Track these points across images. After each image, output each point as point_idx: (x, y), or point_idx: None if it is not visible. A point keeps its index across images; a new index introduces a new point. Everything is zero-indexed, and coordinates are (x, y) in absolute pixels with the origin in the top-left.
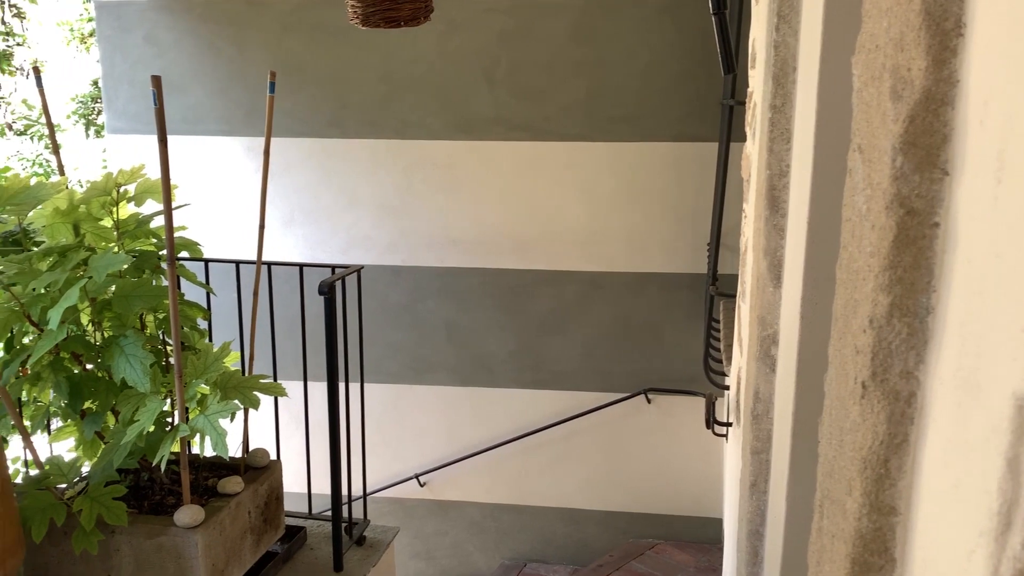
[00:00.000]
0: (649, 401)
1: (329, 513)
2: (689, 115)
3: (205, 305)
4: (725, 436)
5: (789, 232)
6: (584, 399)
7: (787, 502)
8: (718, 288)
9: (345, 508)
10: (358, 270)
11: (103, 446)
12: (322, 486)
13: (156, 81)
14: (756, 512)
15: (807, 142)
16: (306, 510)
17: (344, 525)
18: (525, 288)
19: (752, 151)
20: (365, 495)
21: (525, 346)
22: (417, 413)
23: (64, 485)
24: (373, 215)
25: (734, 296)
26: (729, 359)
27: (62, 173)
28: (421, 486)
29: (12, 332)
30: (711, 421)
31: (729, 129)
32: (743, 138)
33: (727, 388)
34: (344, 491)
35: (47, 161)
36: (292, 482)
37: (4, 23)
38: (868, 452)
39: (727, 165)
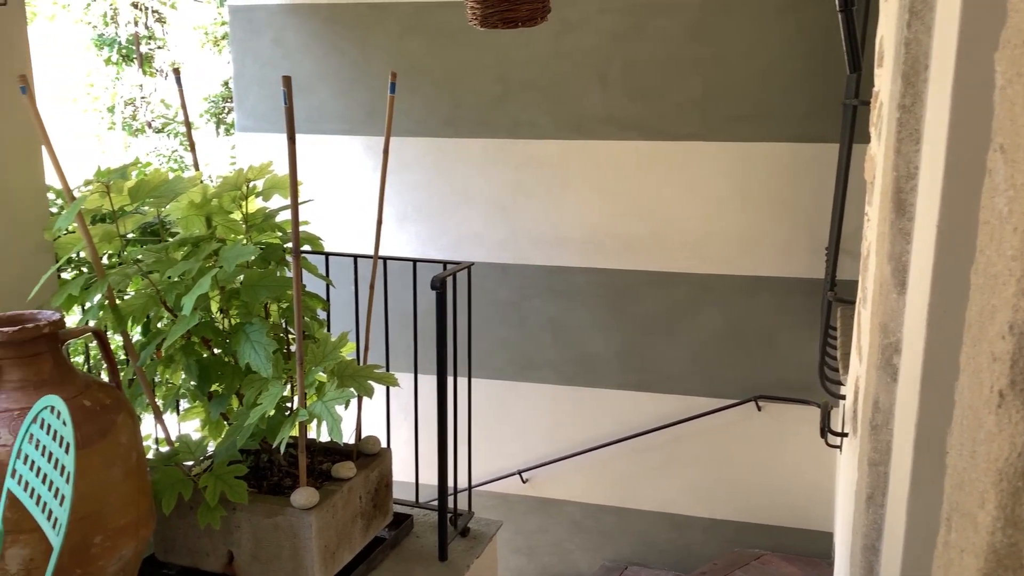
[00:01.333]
0: (760, 408)
1: (435, 503)
2: (809, 115)
3: (324, 296)
4: (839, 447)
5: (916, 236)
6: (691, 403)
7: (907, 515)
8: (836, 294)
9: (450, 499)
10: (469, 267)
11: (227, 427)
12: (428, 477)
13: (287, 81)
14: (872, 526)
15: (939, 143)
16: (413, 499)
17: (449, 516)
18: (633, 289)
19: (877, 152)
20: (470, 488)
21: (631, 347)
22: (521, 410)
23: (191, 462)
24: (484, 213)
25: (853, 303)
26: (846, 367)
27: (197, 168)
28: (524, 482)
29: (149, 317)
30: (825, 431)
31: (852, 130)
32: (866, 139)
33: (843, 397)
34: (450, 483)
35: (181, 157)
36: (399, 471)
37: (147, 28)
38: (1004, 463)
39: (849, 167)
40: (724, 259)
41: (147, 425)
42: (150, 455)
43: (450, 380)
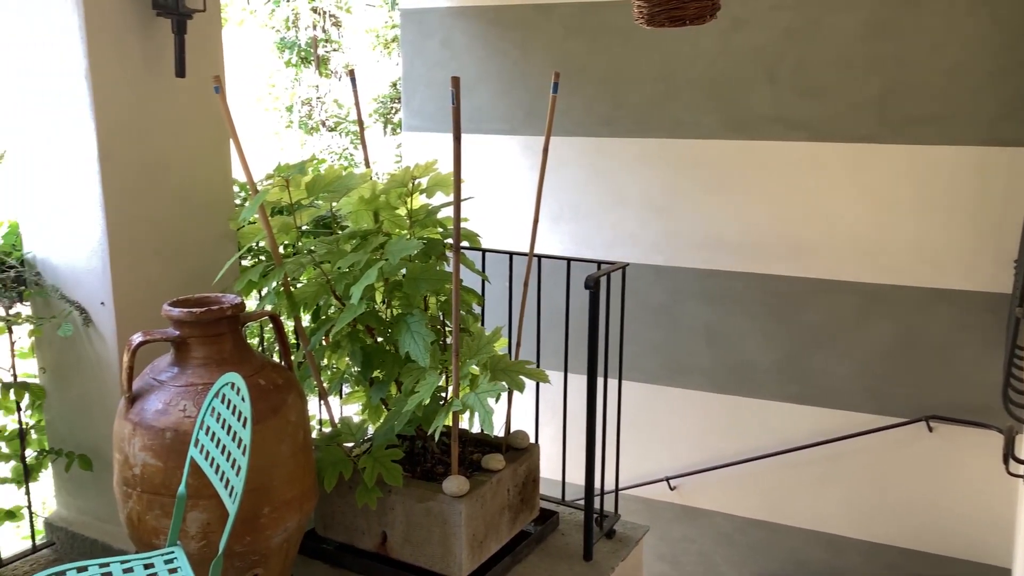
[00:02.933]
0: (931, 429)
1: (581, 502)
2: (1003, 117)
3: (480, 292)
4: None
5: None
6: (854, 420)
7: None
8: None
9: (597, 500)
10: (623, 267)
11: (386, 412)
12: (574, 476)
13: (455, 82)
14: None
15: None
16: (559, 496)
17: (595, 516)
18: (795, 296)
19: None
20: (617, 490)
21: (791, 357)
22: (670, 415)
23: (351, 444)
24: (639, 214)
25: None
26: None
27: (367, 166)
28: (671, 489)
29: (319, 304)
30: (1008, 458)
31: None
32: None
33: None
34: (596, 483)
35: (351, 155)
36: (546, 467)
37: (324, 31)
38: None
39: None
40: (898, 269)
41: (312, 406)
42: (314, 435)
43: (600, 381)
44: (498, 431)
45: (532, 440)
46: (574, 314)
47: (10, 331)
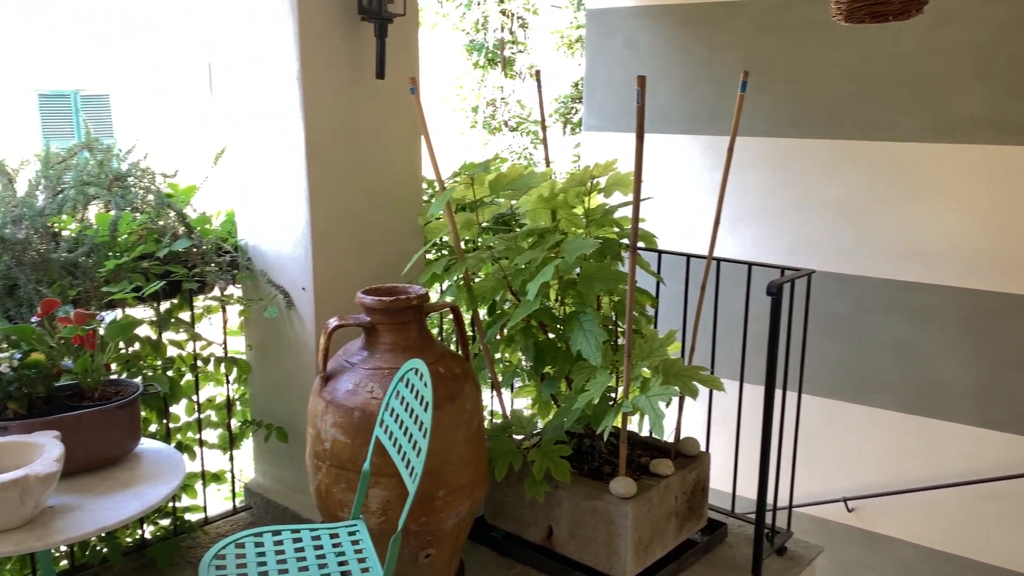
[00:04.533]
0: None
1: (752, 515)
2: None
3: (654, 294)
4: None
5: None
6: None
7: None
8: None
9: (768, 515)
10: (808, 274)
11: (555, 408)
12: (744, 488)
13: (641, 81)
14: None
15: None
16: (728, 507)
17: (766, 532)
18: (1002, 314)
19: None
20: (791, 506)
21: (993, 380)
22: (851, 433)
23: (521, 436)
24: (824, 219)
25: None
26: None
27: (548, 165)
28: (849, 511)
29: (495, 299)
30: None
31: None
32: None
33: None
34: (769, 498)
35: (531, 154)
36: (714, 477)
37: (512, 33)
38: None
39: None
40: None
41: (484, 397)
42: (486, 425)
43: (778, 392)
44: (668, 436)
45: (703, 448)
46: (752, 321)
47: (224, 310)
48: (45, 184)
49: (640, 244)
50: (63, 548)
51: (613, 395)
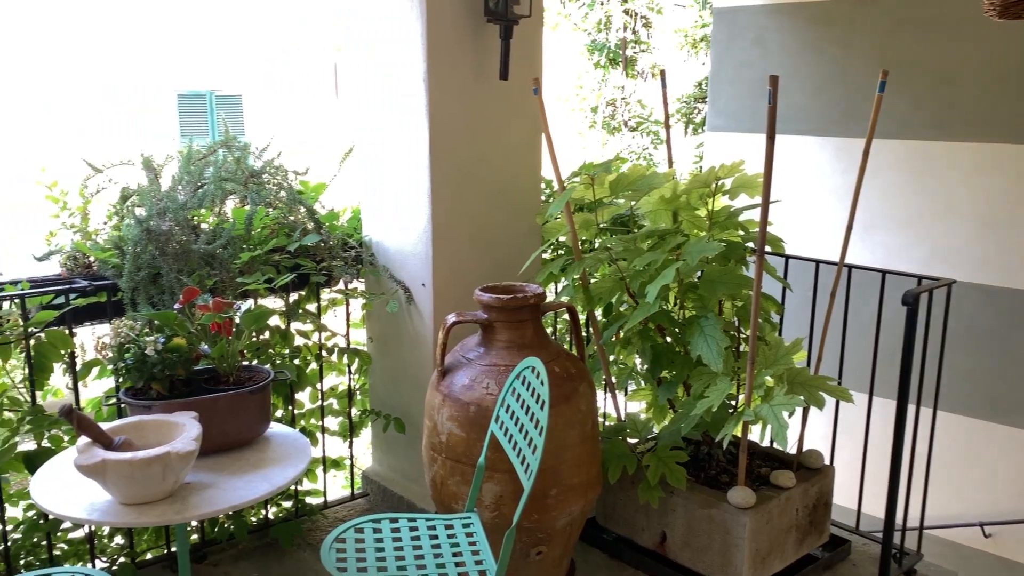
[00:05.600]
0: None
1: (878, 534)
2: None
3: (779, 300)
4: None
5: None
6: None
7: None
8: None
9: (897, 535)
10: (949, 284)
11: (671, 413)
12: (871, 506)
13: (773, 81)
14: None
15: None
16: (852, 524)
17: (894, 552)
18: None
19: None
20: (921, 528)
21: None
22: (992, 454)
23: (636, 440)
24: (968, 227)
25: None
26: None
27: (670, 165)
28: (985, 536)
29: (612, 300)
30: None
31: None
32: None
33: None
34: (898, 518)
35: (650, 155)
36: (838, 492)
37: (634, 33)
38: None
39: None
40: None
41: (598, 399)
42: (600, 427)
43: (911, 407)
44: (790, 447)
45: (827, 461)
46: (885, 331)
47: (347, 303)
48: (187, 180)
49: (766, 248)
50: (194, 523)
51: (733, 403)
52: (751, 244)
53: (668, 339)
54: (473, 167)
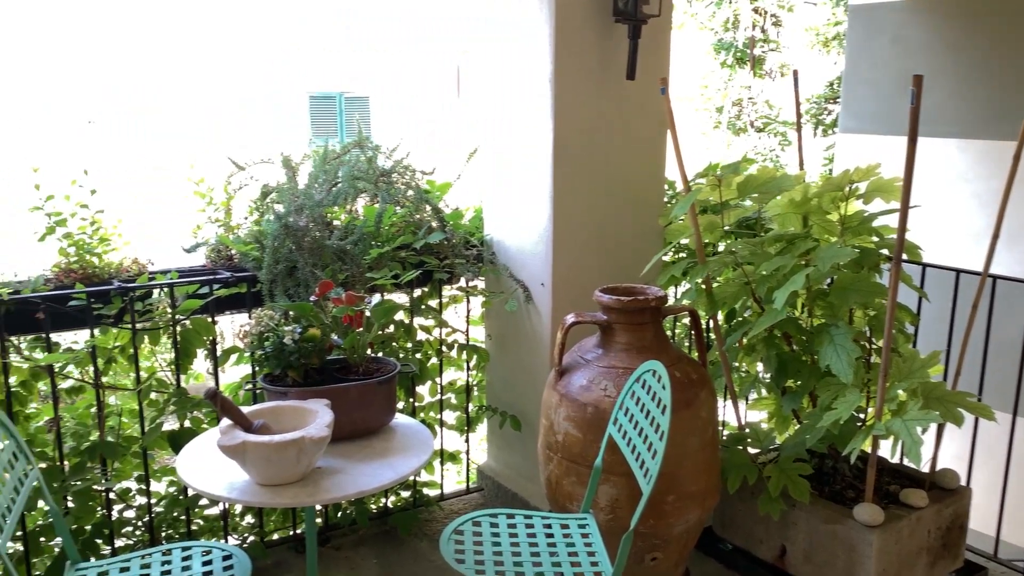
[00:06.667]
0: None
1: (1020, 563)
2: None
3: (914, 310)
4: None
5: None
6: None
7: None
8: None
9: None
10: None
11: (794, 424)
12: (1012, 533)
13: (917, 80)
14: None
15: None
16: (990, 551)
17: None
18: None
19: None
20: None
21: None
22: None
23: (757, 450)
24: None
25: None
26: None
27: (801, 168)
28: None
29: (735, 306)
30: None
31: None
32: None
33: None
34: None
35: (777, 157)
36: (974, 516)
37: (763, 31)
38: None
39: None
40: None
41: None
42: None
43: None
44: (923, 466)
45: (962, 482)
46: None
47: (468, 300)
48: (323, 178)
49: (903, 256)
50: (318, 507)
51: (861, 416)
52: (885, 251)
53: (794, 347)
54: (596, 168)
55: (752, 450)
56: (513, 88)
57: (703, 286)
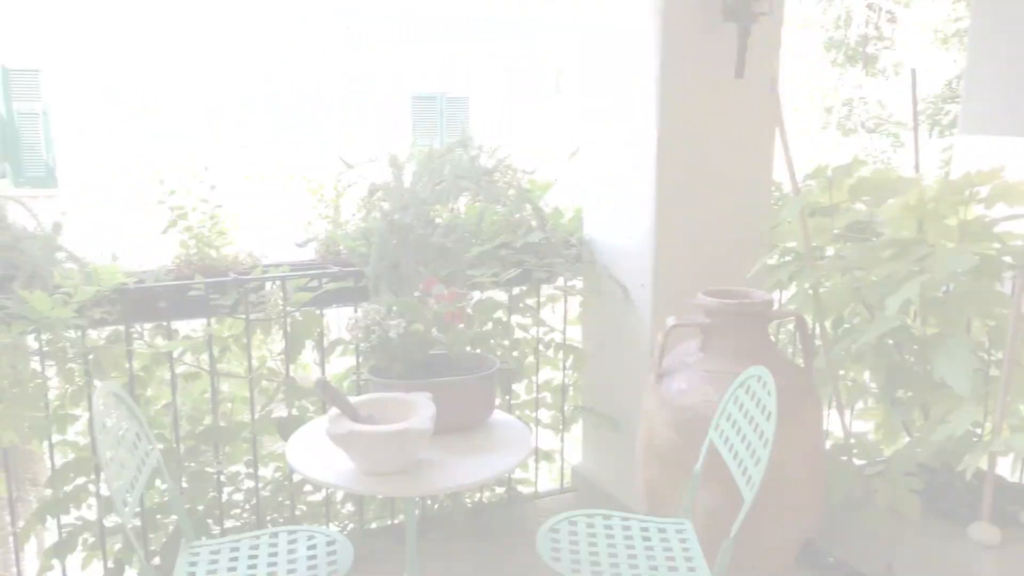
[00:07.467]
0: None
1: None
2: None
3: None
4: None
5: None
6: None
7: None
8: None
9: None
10: None
11: (903, 436)
12: None
13: None
14: None
15: None
16: None
17: None
18: None
19: None
20: None
21: None
22: None
23: (863, 462)
24: None
25: None
26: None
27: (917, 170)
28: None
29: (843, 312)
30: None
31: None
32: None
33: None
34: None
35: (888, 159)
36: None
37: (877, 28)
38: None
39: None
40: None
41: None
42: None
43: None
44: None
45: None
46: None
47: (565, 300)
48: (427, 177)
49: None
50: (416, 499)
51: (978, 430)
52: (1008, 258)
53: (906, 356)
54: (700, 169)
55: (858, 461)
56: (616, 87)
57: (810, 291)
